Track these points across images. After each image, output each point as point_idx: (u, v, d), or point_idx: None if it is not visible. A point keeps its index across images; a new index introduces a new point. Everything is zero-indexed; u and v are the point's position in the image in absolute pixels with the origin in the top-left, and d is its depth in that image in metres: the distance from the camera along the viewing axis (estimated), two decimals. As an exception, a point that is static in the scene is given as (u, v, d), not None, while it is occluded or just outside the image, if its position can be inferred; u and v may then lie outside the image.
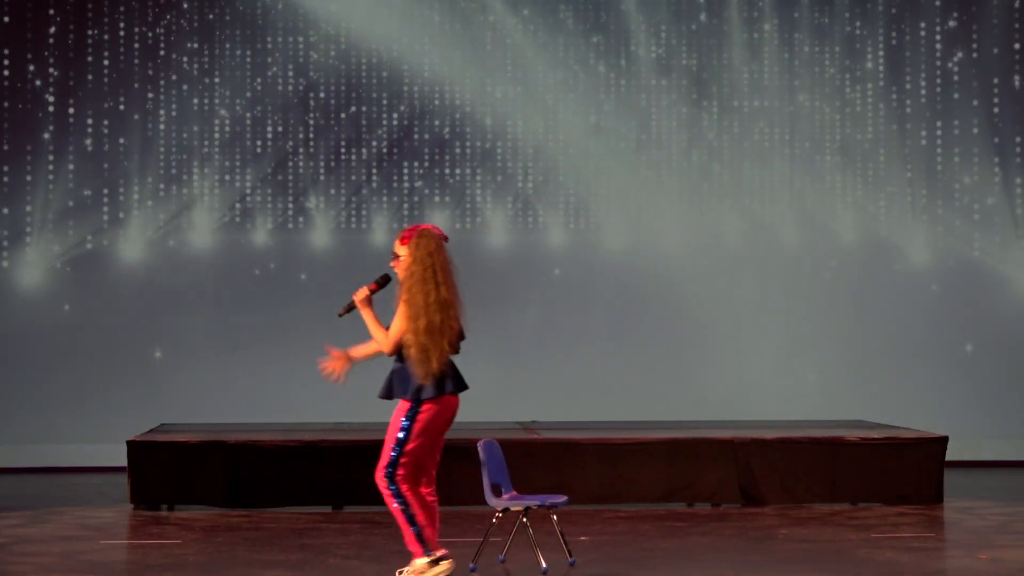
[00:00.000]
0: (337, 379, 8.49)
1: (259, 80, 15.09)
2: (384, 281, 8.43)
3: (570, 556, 9.07)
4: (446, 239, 8.34)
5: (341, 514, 11.46)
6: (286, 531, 10.47)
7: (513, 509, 9.01)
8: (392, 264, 8.37)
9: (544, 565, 8.74)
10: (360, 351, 8.46)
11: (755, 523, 10.87)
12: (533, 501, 8.90)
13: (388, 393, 8.37)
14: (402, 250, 8.26)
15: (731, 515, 11.34)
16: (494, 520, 9.13)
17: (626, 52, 15.34)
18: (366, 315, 8.40)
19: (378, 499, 11.65)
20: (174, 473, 11.69)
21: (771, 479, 11.90)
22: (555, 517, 9.07)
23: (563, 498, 9.04)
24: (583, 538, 10.08)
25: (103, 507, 11.82)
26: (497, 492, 8.93)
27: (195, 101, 15.04)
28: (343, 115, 15.15)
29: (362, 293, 8.38)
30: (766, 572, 8.87)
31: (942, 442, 12.07)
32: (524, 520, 8.93)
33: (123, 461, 11.77)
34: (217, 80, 15.06)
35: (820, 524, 10.81)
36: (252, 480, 11.70)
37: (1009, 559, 9.21)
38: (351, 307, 8.48)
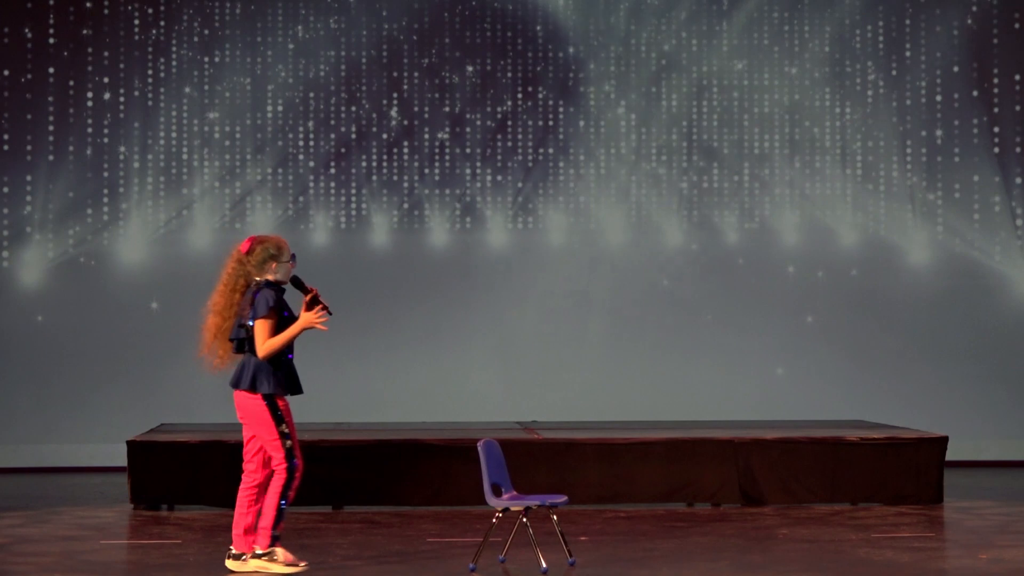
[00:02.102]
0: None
1: (259, 78, 15.08)
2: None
3: (570, 556, 9.07)
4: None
5: (341, 514, 11.47)
6: (286, 531, 10.43)
7: (513, 509, 9.01)
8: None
9: (544, 565, 8.75)
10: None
11: (755, 523, 10.87)
12: (533, 501, 8.90)
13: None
14: None
15: (731, 515, 11.34)
16: (494, 520, 9.13)
17: (624, 45, 15.34)
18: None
19: (378, 499, 11.74)
20: (174, 473, 11.69)
21: (771, 479, 11.90)
22: (555, 517, 9.07)
23: (563, 498, 9.05)
24: (583, 538, 10.08)
25: (103, 507, 11.82)
26: (497, 492, 8.93)
27: (195, 99, 15.03)
28: (343, 113, 15.15)
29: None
30: (766, 572, 8.88)
31: (942, 442, 12.07)
32: (524, 520, 8.93)
33: (123, 461, 11.77)
34: (217, 78, 15.05)
35: (820, 524, 10.81)
36: (252, 480, 11.68)
37: (1009, 559, 9.21)
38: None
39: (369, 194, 15.19)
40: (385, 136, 15.19)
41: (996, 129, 15.40)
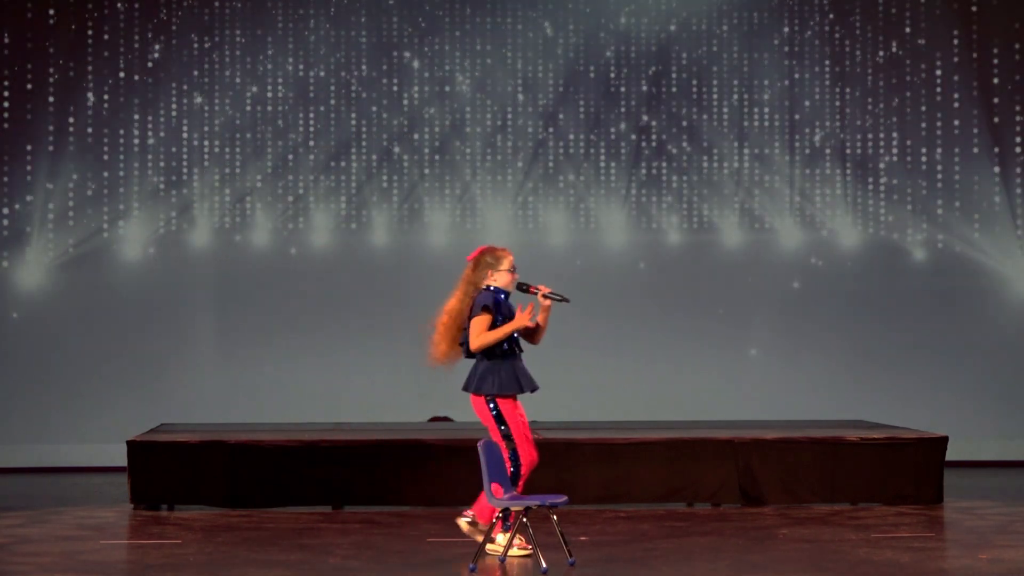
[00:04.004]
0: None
1: (259, 79, 15.08)
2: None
3: (570, 556, 9.07)
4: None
5: (341, 514, 11.47)
6: (286, 531, 10.47)
7: (513, 509, 9.01)
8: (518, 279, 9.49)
9: (544, 565, 8.75)
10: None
11: (755, 523, 10.87)
12: (533, 501, 8.90)
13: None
14: None
15: (731, 515, 11.33)
16: (494, 520, 9.13)
17: (624, 48, 15.34)
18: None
19: (378, 499, 11.74)
20: (174, 473, 11.69)
21: (771, 479, 11.90)
22: (555, 517, 9.07)
23: (563, 498, 9.05)
24: (583, 538, 10.08)
25: (103, 507, 11.82)
26: (497, 492, 8.93)
27: (196, 99, 15.03)
28: (343, 114, 15.15)
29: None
30: (766, 572, 8.88)
31: (942, 442, 12.07)
32: (524, 520, 8.94)
33: (123, 461, 11.77)
34: (217, 78, 15.05)
35: (820, 524, 10.80)
36: (252, 480, 11.70)
37: (1009, 559, 9.22)
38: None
39: (369, 193, 15.19)
40: (385, 134, 15.19)
41: (996, 135, 15.39)
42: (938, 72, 15.39)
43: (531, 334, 9.56)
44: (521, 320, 9.34)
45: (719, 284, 15.29)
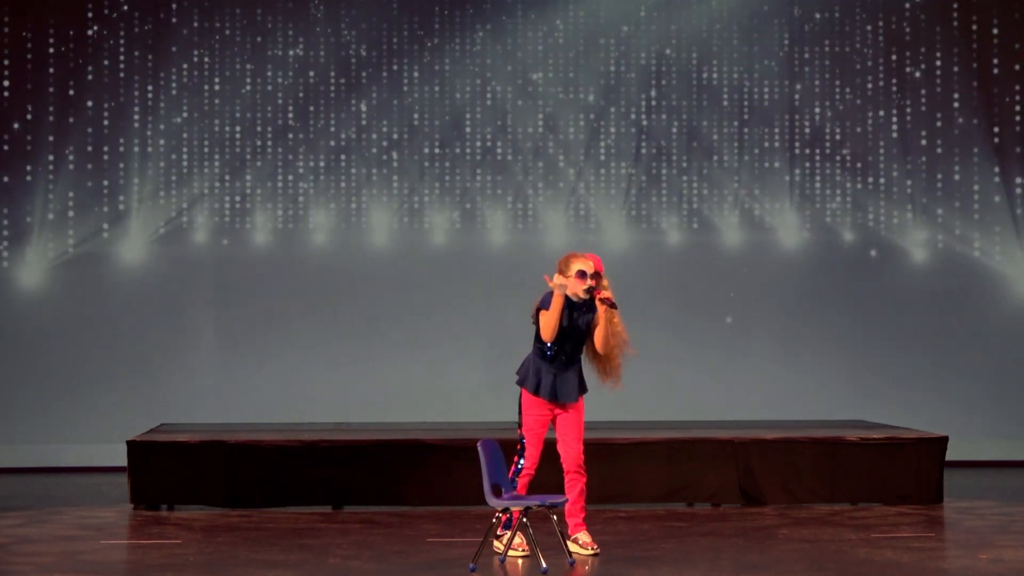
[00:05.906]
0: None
1: (259, 78, 15.08)
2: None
3: (570, 556, 9.08)
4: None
5: (341, 514, 11.47)
6: (286, 531, 10.47)
7: (513, 509, 9.02)
8: (592, 284, 9.58)
9: (544, 565, 8.75)
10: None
11: (755, 523, 10.88)
12: (533, 501, 8.91)
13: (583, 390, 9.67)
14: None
15: (731, 515, 11.34)
16: (494, 520, 9.13)
17: (624, 50, 15.34)
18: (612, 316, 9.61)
19: (378, 499, 11.74)
20: (174, 473, 11.69)
21: (771, 479, 11.90)
22: (555, 517, 9.08)
23: (563, 498, 9.07)
24: (583, 538, 10.07)
25: (103, 507, 11.82)
26: (497, 492, 8.93)
27: (195, 99, 15.03)
28: (343, 114, 15.14)
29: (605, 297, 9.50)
30: (766, 572, 8.88)
31: (942, 442, 12.08)
32: (524, 520, 8.94)
33: (123, 461, 11.78)
34: (217, 78, 15.05)
35: (820, 524, 10.81)
36: (252, 480, 11.70)
37: (1009, 559, 9.22)
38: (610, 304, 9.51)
39: (369, 193, 15.18)
40: (385, 134, 15.18)
41: (996, 130, 15.40)
42: (937, 48, 15.36)
43: (586, 339, 9.62)
44: (559, 292, 9.37)
45: (719, 283, 15.27)
